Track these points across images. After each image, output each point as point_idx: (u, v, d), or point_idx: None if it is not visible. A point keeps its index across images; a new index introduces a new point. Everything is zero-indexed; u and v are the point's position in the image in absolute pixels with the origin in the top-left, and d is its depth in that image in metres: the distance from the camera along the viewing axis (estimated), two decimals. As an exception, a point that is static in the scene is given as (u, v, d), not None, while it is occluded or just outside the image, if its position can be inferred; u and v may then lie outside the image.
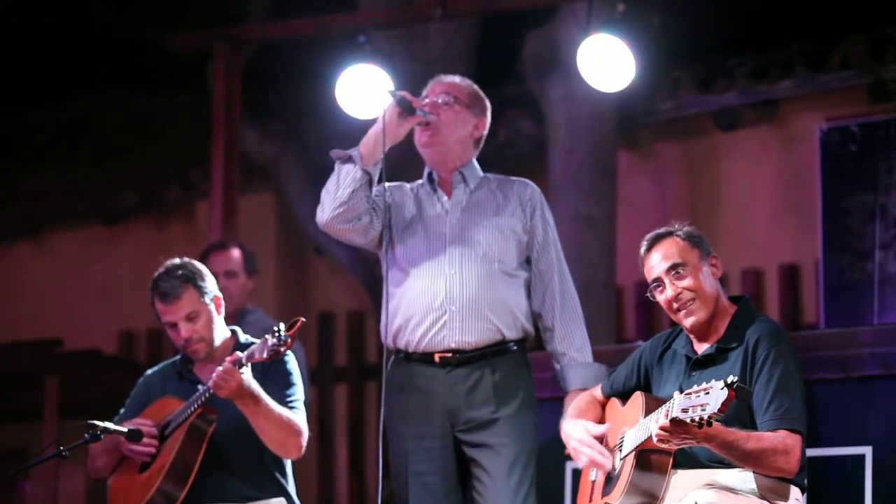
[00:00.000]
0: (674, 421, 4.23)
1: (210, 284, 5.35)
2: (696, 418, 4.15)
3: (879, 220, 6.23)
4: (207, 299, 5.31)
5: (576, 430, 4.88)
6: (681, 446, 4.43)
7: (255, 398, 5.09)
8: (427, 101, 5.17)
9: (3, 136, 10.21)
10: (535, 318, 5.22)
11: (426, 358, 5.09)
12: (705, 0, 8.45)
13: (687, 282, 4.70)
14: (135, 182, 10.37)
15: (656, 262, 4.75)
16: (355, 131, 5.31)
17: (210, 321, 5.32)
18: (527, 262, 5.21)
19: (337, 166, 5.09)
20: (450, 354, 5.07)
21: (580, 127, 8.28)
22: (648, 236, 4.82)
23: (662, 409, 4.33)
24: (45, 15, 9.39)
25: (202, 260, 6.26)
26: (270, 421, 5.13)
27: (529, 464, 5.07)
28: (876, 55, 8.17)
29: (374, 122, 5.12)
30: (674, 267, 4.72)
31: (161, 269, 5.36)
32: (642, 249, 4.80)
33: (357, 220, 5.10)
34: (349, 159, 5.06)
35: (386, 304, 5.18)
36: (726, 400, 4.11)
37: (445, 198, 5.21)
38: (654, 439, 4.34)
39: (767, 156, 8.60)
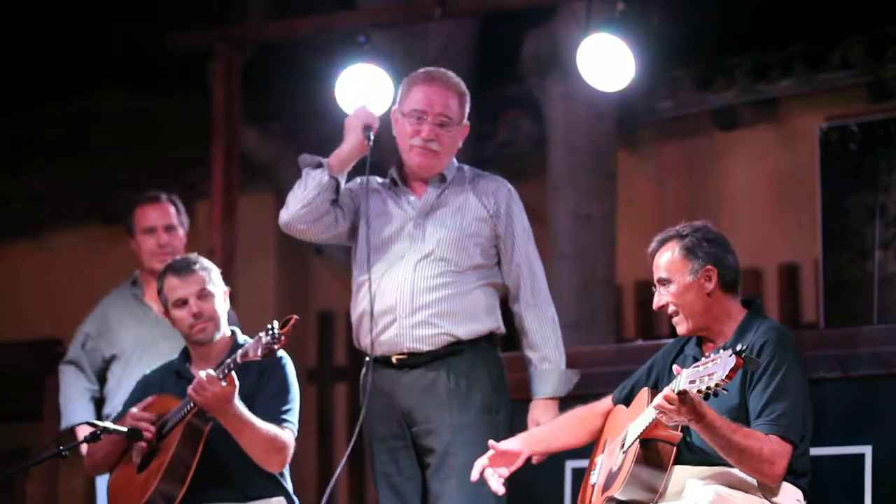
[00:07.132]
0: (680, 393, 4.23)
1: (220, 280, 5.42)
2: (703, 388, 4.16)
3: (879, 219, 6.22)
4: (217, 288, 5.38)
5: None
6: (674, 423, 4.42)
7: (238, 419, 5.08)
8: (424, 131, 5.13)
9: (3, 135, 10.19)
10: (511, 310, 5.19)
11: (386, 360, 5.11)
12: (705, -1, 8.45)
13: (671, 296, 4.75)
14: (135, 182, 10.35)
15: (653, 268, 4.81)
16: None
17: (219, 306, 5.36)
18: (497, 256, 5.18)
19: (305, 172, 5.18)
20: (405, 356, 5.08)
21: (580, 127, 8.28)
22: (657, 237, 4.85)
23: (669, 386, 4.33)
24: (45, 15, 9.38)
25: (130, 213, 6.35)
26: (253, 440, 5.13)
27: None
28: (876, 55, 8.16)
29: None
30: (660, 280, 4.78)
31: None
32: (650, 248, 4.85)
33: (318, 220, 5.16)
34: (319, 165, 5.17)
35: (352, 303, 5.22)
36: (734, 366, 4.11)
37: (414, 199, 5.20)
38: (654, 411, 4.34)
39: (767, 155, 8.60)
